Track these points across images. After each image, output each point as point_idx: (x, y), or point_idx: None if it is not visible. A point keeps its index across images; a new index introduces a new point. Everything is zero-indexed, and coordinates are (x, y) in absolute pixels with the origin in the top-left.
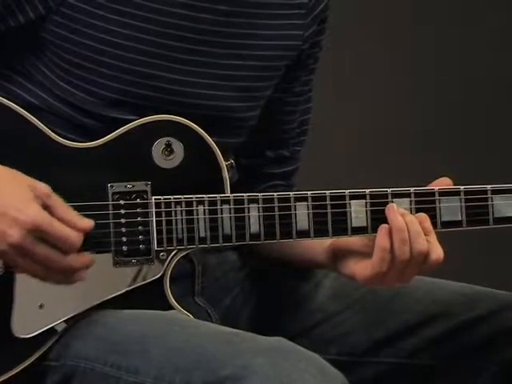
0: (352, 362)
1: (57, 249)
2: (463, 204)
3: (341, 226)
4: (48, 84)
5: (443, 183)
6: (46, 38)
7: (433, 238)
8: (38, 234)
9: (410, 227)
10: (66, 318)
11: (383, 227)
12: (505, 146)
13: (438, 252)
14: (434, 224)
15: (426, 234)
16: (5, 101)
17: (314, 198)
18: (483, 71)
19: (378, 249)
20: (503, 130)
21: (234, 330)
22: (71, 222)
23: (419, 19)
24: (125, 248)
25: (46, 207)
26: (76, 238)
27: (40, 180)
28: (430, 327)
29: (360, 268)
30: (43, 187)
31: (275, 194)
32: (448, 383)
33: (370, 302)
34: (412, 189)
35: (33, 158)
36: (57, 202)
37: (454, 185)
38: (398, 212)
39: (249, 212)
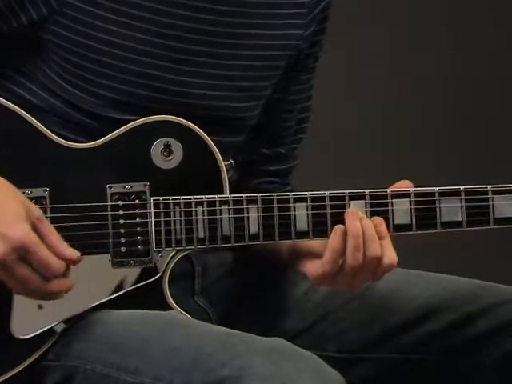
0: (352, 359)
1: (38, 272)
2: (463, 204)
3: None
4: (49, 84)
5: (402, 186)
6: (47, 38)
7: (387, 242)
8: (23, 253)
9: (365, 232)
10: (64, 319)
11: (338, 228)
12: (505, 146)
13: (391, 256)
14: (434, 225)
15: (380, 238)
16: (4, 101)
17: (314, 199)
18: (483, 71)
19: (329, 250)
20: (503, 130)
21: (233, 331)
22: (57, 250)
23: (419, 19)
24: (123, 249)
25: (36, 230)
26: (58, 266)
27: (39, 180)
28: (430, 322)
29: (311, 266)
30: (36, 210)
31: (274, 194)
32: (448, 378)
33: (369, 297)
34: (412, 189)
35: (32, 159)
36: (47, 227)
37: (455, 185)
38: (356, 217)
39: (248, 213)
